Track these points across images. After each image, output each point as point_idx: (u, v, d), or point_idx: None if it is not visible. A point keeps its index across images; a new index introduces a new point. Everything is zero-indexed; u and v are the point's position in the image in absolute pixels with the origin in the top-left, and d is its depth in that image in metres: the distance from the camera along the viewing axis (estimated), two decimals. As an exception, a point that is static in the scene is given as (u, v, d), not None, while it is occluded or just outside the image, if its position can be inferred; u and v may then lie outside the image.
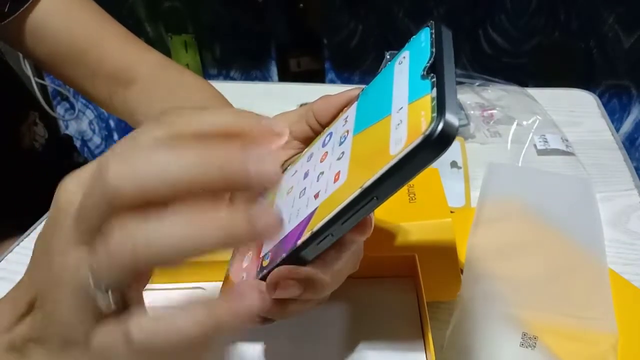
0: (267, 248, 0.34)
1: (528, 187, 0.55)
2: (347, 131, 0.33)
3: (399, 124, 0.27)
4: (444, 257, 0.42)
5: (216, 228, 0.22)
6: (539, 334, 0.38)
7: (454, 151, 0.63)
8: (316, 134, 0.39)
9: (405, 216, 0.43)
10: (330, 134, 0.36)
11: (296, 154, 0.41)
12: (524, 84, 0.75)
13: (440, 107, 0.24)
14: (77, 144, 2.04)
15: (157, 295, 0.41)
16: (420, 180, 0.47)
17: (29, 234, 0.58)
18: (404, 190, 0.46)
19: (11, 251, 0.55)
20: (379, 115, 0.30)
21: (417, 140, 0.24)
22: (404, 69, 0.30)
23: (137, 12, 1.76)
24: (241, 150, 0.23)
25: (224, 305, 0.23)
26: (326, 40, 1.65)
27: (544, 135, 0.66)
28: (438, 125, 0.24)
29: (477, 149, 0.67)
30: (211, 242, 0.22)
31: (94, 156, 2.05)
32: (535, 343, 0.38)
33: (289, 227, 0.33)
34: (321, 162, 0.34)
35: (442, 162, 0.52)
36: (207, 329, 0.23)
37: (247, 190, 0.24)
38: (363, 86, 0.36)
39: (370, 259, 0.39)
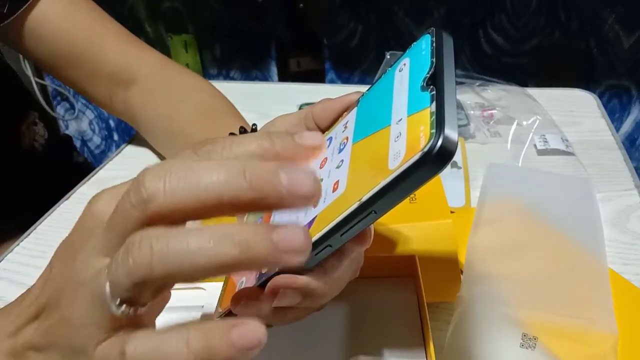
0: None
1: (528, 187, 0.55)
2: (347, 138, 0.33)
3: (398, 137, 0.26)
4: (444, 258, 0.42)
5: (233, 244, 0.22)
6: (538, 334, 0.38)
7: (454, 151, 0.63)
8: None
9: (406, 217, 0.43)
10: (330, 139, 0.36)
11: None
12: (524, 84, 0.75)
13: (439, 123, 0.24)
14: (77, 144, 2.04)
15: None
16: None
17: (29, 234, 0.58)
18: None
19: (11, 251, 0.55)
20: (378, 124, 0.30)
21: (416, 156, 0.24)
22: (404, 77, 0.30)
23: (137, 12, 1.77)
24: (275, 165, 0.23)
25: (223, 336, 0.22)
26: (326, 40, 1.65)
27: (544, 135, 0.66)
28: (437, 142, 0.23)
29: (477, 149, 0.67)
30: (227, 258, 0.22)
31: (94, 156, 2.05)
32: (535, 344, 0.38)
33: None
34: (320, 168, 0.34)
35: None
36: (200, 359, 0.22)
37: (282, 206, 0.23)
38: (363, 90, 0.36)
39: (370, 259, 0.39)
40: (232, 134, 0.51)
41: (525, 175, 0.58)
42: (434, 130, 0.24)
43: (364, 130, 0.31)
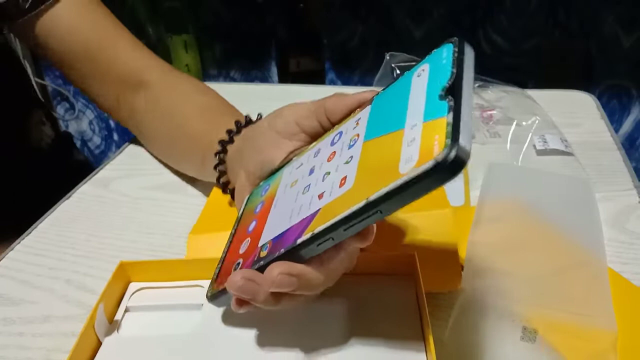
0: (266, 238, 0.35)
1: (528, 187, 0.55)
2: (358, 135, 0.33)
3: (411, 142, 0.27)
4: (443, 248, 0.42)
5: None
6: (539, 328, 0.38)
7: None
8: (325, 130, 0.40)
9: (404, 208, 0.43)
10: (340, 133, 0.36)
11: (303, 147, 0.41)
12: (523, 84, 0.75)
13: (455, 133, 0.24)
14: (77, 144, 2.04)
15: (156, 293, 0.41)
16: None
17: (30, 232, 0.58)
18: None
19: (12, 249, 0.55)
20: (391, 126, 0.30)
21: (428, 164, 0.24)
22: (422, 83, 0.30)
23: (137, 12, 1.77)
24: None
25: None
26: (326, 40, 1.65)
27: (543, 136, 0.66)
28: (451, 152, 0.24)
29: (476, 149, 0.67)
30: None
31: (94, 156, 2.05)
32: (535, 337, 0.38)
33: (290, 222, 0.33)
34: (328, 161, 0.34)
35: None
36: None
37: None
38: (378, 89, 0.36)
39: (370, 256, 0.39)
40: (229, 131, 0.52)
41: (526, 175, 0.58)
42: (449, 140, 0.24)
43: (376, 129, 0.32)
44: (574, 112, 0.77)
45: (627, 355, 0.39)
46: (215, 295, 0.37)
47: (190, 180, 0.64)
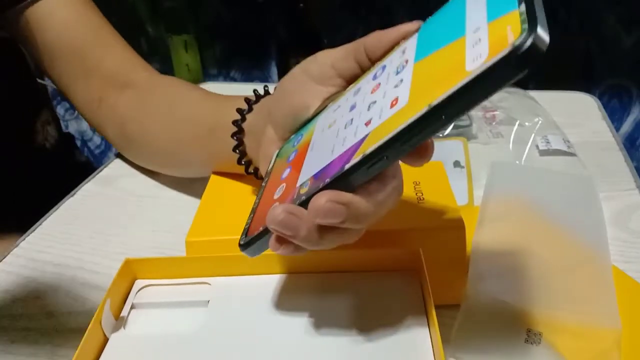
0: (305, 177, 0.33)
1: (532, 185, 0.55)
2: (406, 60, 0.31)
3: (476, 43, 0.24)
4: (453, 261, 0.42)
5: None
6: (543, 330, 0.38)
7: (456, 150, 0.63)
8: (364, 71, 0.37)
9: (414, 220, 0.43)
10: (384, 67, 0.34)
11: (338, 92, 0.39)
12: (524, 85, 0.75)
13: (531, 19, 0.22)
14: (77, 143, 2.04)
15: (162, 290, 0.42)
16: (427, 180, 0.47)
17: (34, 229, 0.58)
18: (411, 191, 0.46)
19: (17, 246, 0.56)
20: (447, 39, 0.27)
21: (503, 52, 0.22)
22: None
23: (137, 12, 1.77)
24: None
25: None
26: (326, 40, 1.65)
27: (546, 136, 0.67)
28: (529, 36, 0.21)
29: (479, 149, 0.67)
30: None
31: (94, 156, 2.05)
32: (540, 339, 0.38)
33: (332, 155, 0.31)
34: (372, 93, 0.32)
35: (444, 162, 0.52)
36: None
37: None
38: (421, 21, 0.34)
39: (374, 252, 0.39)
40: (247, 99, 0.49)
41: (529, 174, 0.58)
42: (525, 26, 0.22)
43: (428, 48, 0.29)
44: (576, 113, 0.77)
45: (630, 352, 0.39)
46: (250, 242, 0.33)
47: (196, 178, 0.64)
